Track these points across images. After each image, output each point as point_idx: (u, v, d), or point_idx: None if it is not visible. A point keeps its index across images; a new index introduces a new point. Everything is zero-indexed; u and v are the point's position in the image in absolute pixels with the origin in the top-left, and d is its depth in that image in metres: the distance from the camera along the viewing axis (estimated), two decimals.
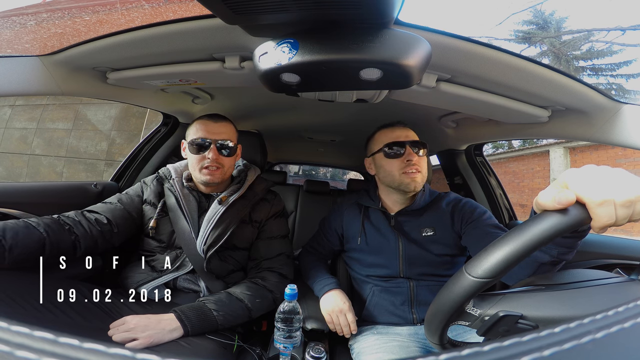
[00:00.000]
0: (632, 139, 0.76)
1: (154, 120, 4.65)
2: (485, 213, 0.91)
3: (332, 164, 3.53)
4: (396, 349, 0.83)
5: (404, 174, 0.93)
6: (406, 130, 0.98)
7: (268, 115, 1.58)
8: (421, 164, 0.94)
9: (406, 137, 0.96)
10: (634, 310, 0.19)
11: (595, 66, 11.69)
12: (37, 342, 0.15)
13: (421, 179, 0.93)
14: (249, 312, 0.84)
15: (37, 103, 5.32)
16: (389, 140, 0.96)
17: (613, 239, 1.13)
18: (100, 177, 4.78)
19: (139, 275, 0.91)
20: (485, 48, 0.66)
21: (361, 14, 0.52)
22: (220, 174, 0.93)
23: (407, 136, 0.96)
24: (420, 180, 0.93)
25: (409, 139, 0.95)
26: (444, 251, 0.93)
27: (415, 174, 0.92)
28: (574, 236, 0.51)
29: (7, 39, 1.03)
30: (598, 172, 0.38)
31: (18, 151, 5.26)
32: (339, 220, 1.08)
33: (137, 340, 0.69)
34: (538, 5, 12.14)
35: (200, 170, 0.91)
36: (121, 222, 0.91)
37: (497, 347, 0.16)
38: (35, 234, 0.72)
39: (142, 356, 0.15)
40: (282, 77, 0.62)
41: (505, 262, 0.37)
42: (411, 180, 0.92)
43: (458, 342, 0.50)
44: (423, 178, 0.94)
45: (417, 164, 0.92)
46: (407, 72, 0.57)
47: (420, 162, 0.93)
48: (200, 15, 0.65)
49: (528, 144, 8.08)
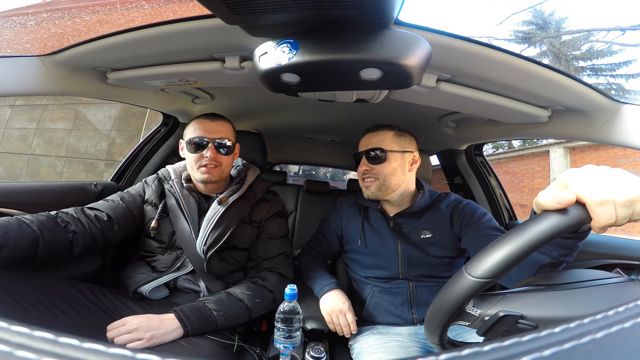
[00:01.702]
0: (632, 139, 0.76)
1: (154, 120, 4.65)
2: (485, 215, 0.91)
3: (332, 164, 3.53)
4: (396, 349, 0.83)
5: (362, 181, 0.98)
6: (372, 135, 0.98)
7: (268, 115, 1.58)
8: (379, 170, 0.94)
9: (366, 145, 0.97)
10: (634, 310, 0.19)
11: (595, 66, 11.70)
12: (37, 342, 0.15)
13: (377, 187, 0.94)
14: (249, 312, 0.85)
15: (37, 103, 5.31)
16: (357, 150, 1.01)
17: (613, 239, 1.13)
18: (100, 177, 4.77)
19: (139, 276, 0.91)
20: (485, 48, 0.66)
21: (361, 14, 0.52)
22: (218, 173, 0.93)
23: (367, 144, 0.97)
24: (375, 188, 0.94)
25: (367, 147, 0.96)
26: (442, 253, 0.93)
27: (369, 184, 0.95)
28: (575, 237, 0.50)
29: (7, 39, 1.03)
30: (598, 172, 0.38)
31: (18, 151, 5.26)
32: (339, 221, 1.08)
33: (140, 341, 0.68)
34: (538, 5, 12.15)
35: (198, 169, 0.91)
36: (122, 219, 0.90)
37: (497, 347, 0.16)
38: (27, 232, 0.70)
39: (142, 356, 0.15)
40: (282, 77, 0.62)
41: (505, 262, 0.37)
42: (365, 189, 0.97)
43: (458, 342, 0.50)
44: (381, 185, 0.94)
45: (369, 174, 0.95)
46: (407, 72, 0.57)
47: (377, 169, 0.94)
48: (200, 15, 0.65)
49: (528, 144, 8.08)
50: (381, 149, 0.94)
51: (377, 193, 0.94)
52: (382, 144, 0.95)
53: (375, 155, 0.94)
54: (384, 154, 0.94)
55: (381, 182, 0.94)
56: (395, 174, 0.94)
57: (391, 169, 0.94)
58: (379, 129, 0.98)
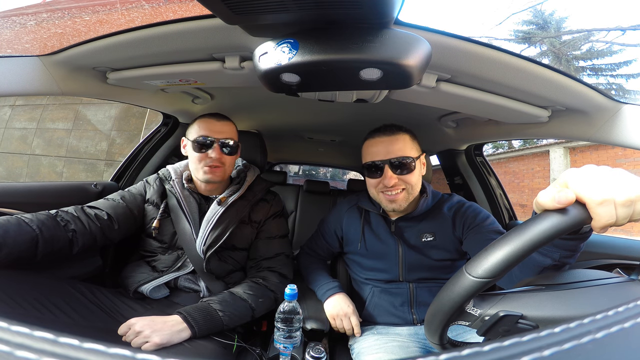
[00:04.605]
0: (632, 139, 0.76)
1: (154, 120, 4.64)
2: (488, 218, 0.89)
3: (332, 164, 3.53)
4: (396, 349, 0.83)
5: (382, 193, 0.89)
6: (392, 140, 0.87)
7: (268, 115, 1.58)
8: (407, 180, 0.86)
9: (387, 153, 0.86)
10: (634, 310, 0.19)
11: (595, 66, 11.71)
12: (37, 342, 0.15)
13: (405, 198, 0.87)
14: (252, 311, 0.85)
15: (37, 103, 5.31)
16: (368, 157, 0.90)
17: (613, 239, 1.13)
18: (100, 177, 4.77)
19: (140, 275, 0.91)
20: (485, 48, 0.66)
21: (361, 14, 0.52)
22: (221, 173, 0.93)
23: (388, 152, 0.86)
24: (403, 200, 0.87)
25: (391, 156, 0.86)
26: (443, 256, 0.92)
27: (396, 196, 0.86)
28: (577, 238, 0.50)
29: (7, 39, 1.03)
30: (598, 172, 0.38)
31: (18, 151, 5.25)
32: (339, 223, 1.07)
33: (148, 343, 0.68)
34: (538, 5, 12.15)
35: (202, 169, 0.91)
36: (122, 218, 0.90)
37: (497, 347, 0.16)
38: (27, 231, 0.70)
39: (142, 356, 0.15)
40: (282, 77, 0.62)
41: (505, 262, 0.37)
42: (389, 203, 0.88)
43: (458, 342, 0.50)
44: (409, 195, 0.88)
45: (397, 186, 0.86)
46: (407, 72, 0.57)
47: (405, 179, 0.86)
48: (200, 15, 0.65)
49: (528, 144, 8.09)
50: (409, 157, 0.86)
51: (404, 204, 0.87)
52: (406, 150, 0.87)
53: (404, 164, 0.86)
54: (413, 162, 0.87)
55: (409, 192, 0.87)
56: (419, 181, 0.89)
57: (417, 176, 0.89)
58: (395, 132, 0.89)
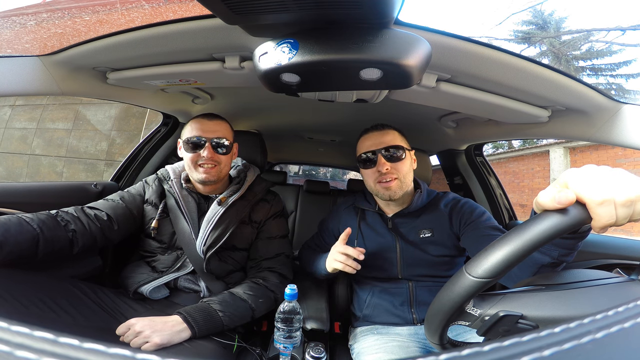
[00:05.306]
0: (632, 139, 0.76)
1: (154, 120, 4.64)
2: (484, 214, 0.90)
3: (332, 164, 3.53)
4: (396, 349, 0.83)
5: (379, 183, 0.92)
6: (382, 134, 0.94)
7: (268, 115, 1.58)
8: (399, 168, 0.91)
9: (379, 143, 0.92)
10: (634, 310, 0.19)
11: (595, 66, 11.71)
12: (37, 342, 0.15)
13: (398, 186, 0.91)
14: (253, 312, 0.85)
15: (37, 103, 5.31)
16: (362, 149, 0.96)
17: (613, 239, 1.12)
18: (100, 177, 4.77)
19: (139, 276, 0.91)
20: (485, 48, 0.66)
21: (361, 14, 0.52)
22: (216, 172, 0.92)
23: (380, 142, 0.92)
24: (397, 187, 0.91)
25: (383, 145, 0.92)
26: (442, 252, 0.93)
27: (390, 183, 0.90)
28: (575, 237, 0.50)
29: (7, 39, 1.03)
30: (598, 172, 0.38)
31: (18, 151, 5.25)
32: (336, 223, 1.08)
33: (148, 343, 0.68)
34: (538, 5, 12.16)
35: (196, 169, 0.91)
36: (122, 219, 0.90)
37: (497, 347, 0.16)
38: (28, 230, 0.70)
39: (142, 356, 0.15)
40: (282, 77, 0.62)
41: (505, 262, 0.37)
42: (385, 190, 0.91)
43: (458, 342, 0.50)
44: (401, 184, 0.91)
45: (390, 173, 0.90)
46: (407, 72, 0.57)
47: (397, 167, 0.91)
48: (200, 15, 0.65)
49: (528, 144, 8.09)
50: (400, 146, 0.92)
51: (399, 192, 0.91)
52: (396, 141, 0.93)
53: (395, 152, 0.92)
54: (402, 152, 0.92)
55: (401, 181, 0.91)
56: (410, 172, 0.94)
57: (408, 166, 0.94)
58: (385, 128, 0.96)
